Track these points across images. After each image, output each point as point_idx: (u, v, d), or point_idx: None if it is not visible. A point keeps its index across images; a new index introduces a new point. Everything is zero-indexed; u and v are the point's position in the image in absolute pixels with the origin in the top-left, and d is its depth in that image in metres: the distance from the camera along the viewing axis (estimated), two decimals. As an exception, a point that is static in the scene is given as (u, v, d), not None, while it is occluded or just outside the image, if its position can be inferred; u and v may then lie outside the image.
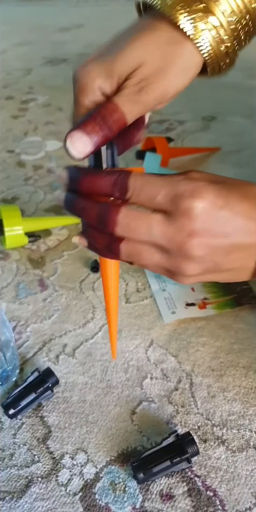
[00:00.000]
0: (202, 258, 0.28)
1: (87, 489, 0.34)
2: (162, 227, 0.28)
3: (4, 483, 0.35)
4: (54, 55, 1.42)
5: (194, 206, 0.27)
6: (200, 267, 0.29)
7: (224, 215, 0.27)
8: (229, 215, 0.28)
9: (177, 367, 0.42)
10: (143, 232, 0.28)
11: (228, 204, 0.28)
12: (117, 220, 0.28)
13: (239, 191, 0.28)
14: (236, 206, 0.28)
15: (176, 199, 0.27)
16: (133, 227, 0.28)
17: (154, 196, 0.28)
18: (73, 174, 0.30)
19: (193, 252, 0.28)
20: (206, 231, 0.27)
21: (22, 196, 0.71)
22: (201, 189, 0.27)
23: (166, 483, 0.34)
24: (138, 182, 0.28)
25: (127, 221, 0.28)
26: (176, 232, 0.27)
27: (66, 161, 0.79)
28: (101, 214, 0.29)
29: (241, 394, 0.39)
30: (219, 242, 0.28)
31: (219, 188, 0.28)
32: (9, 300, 0.52)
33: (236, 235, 0.28)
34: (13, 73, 1.29)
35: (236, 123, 0.86)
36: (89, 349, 0.45)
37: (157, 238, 0.28)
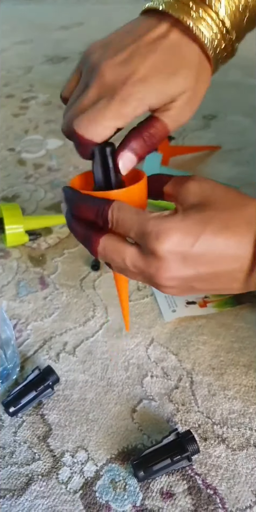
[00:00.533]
0: (176, 286, 0.30)
1: (87, 487, 0.34)
2: (133, 259, 0.30)
3: (5, 481, 0.35)
4: (55, 53, 1.42)
5: (158, 248, 0.28)
6: (178, 291, 0.31)
7: (195, 251, 0.28)
8: (201, 250, 0.28)
9: (178, 365, 0.42)
10: (118, 262, 0.31)
11: (200, 238, 0.28)
12: (97, 250, 0.31)
13: (221, 220, 0.29)
14: (212, 239, 0.28)
15: (144, 237, 0.29)
16: (110, 257, 0.31)
17: (127, 231, 0.30)
18: (68, 197, 0.33)
19: (165, 283, 0.30)
20: (174, 268, 0.29)
21: (22, 194, 0.71)
22: (166, 232, 0.28)
23: (166, 481, 0.34)
24: (115, 216, 0.30)
25: (105, 252, 0.31)
26: (146, 267, 0.30)
27: (67, 159, 0.79)
28: (85, 241, 0.32)
29: (241, 393, 0.39)
30: (190, 273, 0.29)
31: (192, 225, 0.29)
32: (9, 298, 0.52)
33: (207, 267, 0.29)
34: (13, 71, 1.29)
35: (236, 122, 0.86)
36: (90, 347, 0.45)
37: (131, 268, 0.31)
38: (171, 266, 0.29)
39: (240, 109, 0.88)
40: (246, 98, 0.91)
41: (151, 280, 0.30)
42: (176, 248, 0.28)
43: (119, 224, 0.30)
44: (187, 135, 0.83)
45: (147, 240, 0.29)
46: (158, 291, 0.50)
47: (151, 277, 0.30)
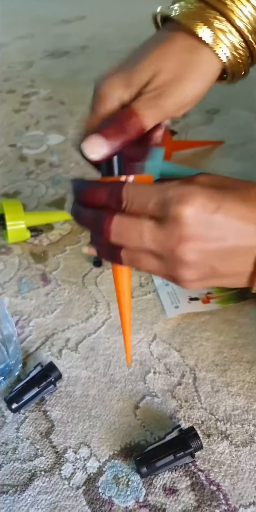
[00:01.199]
0: (197, 263, 0.28)
1: (90, 483, 0.34)
2: (152, 233, 0.28)
3: (7, 476, 0.35)
4: (56, 48, 1.41)
5: (181, 211, 0.27)
6: (197, 272, 0.29)
7: (217, 218, 0.27)
8: (223, 219, 0.27)
9: (181, 361, 0.42)
10: (135, 239, 0.28)
11: (222, 207, 0.27)
12: (110, 229, 0.29)
13: (237, 194, 0.28)
14: (231, 209, 0.27)
15: (165, 205, 0.27)
16: (126, 235, 0.29)
17: (145, 204, 0.28)
18: (76, 186, 0.31)
19: (185, 257, 0.28)
20: (197, 236, 0.27)
21: (24, 190, 0.70)
22: (189, 194, 0.27)
23: (169, 477, 0.34)
24: (130, 193, 0.29)
25: (120, 230, 0.29)
26: (166, 238, 0.28)
27: (68, 155, 0.79)
28: (97, 223, 0.30)
29: (245, 389, 0.39)
30: (212, 246, 0.28)
31: (212, 192, 0.27)
32: (11, 294, 0.52)
33: (231, 239, 0.28)
34: (14, 66, 1.28)
35: (240, 117, 0.85)
36: (92, 343, 0.45)
37: (149, 244, 0.28)
38: (195, 232, 0.27)
39: (244, 103, 0.88)
40: (250, 92, 0.90)
41: (172, 254, 0.28)
42: (201, 212, 0.27)
43: (135, 200, 0.28)
44: (190, 129, 0.82)
45: (168, 206, 0.27)
46: (161, 287, 0.50)
47: (172, 251, 0.28)
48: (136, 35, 1.68)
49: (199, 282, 0.30)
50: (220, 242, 0.28)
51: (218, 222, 0.27)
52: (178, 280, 0.30)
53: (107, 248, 0.31)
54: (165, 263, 0.29)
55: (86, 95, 1.18)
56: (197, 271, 0.29)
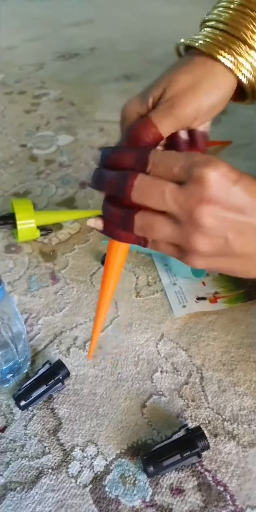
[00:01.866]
0: (212, 229, 0.28)
1: (97, 482, 0.34)
2: (174, 193, 0.28)
3: (15, 473, 0.36)
4: (66, 49, 1.42)
5: (206, 173, 0.27)
6: (210, 242, 0.29)
7: (237, 189, 0.28)
8: (242, 191, 0.28)
9: (188, 361, 0.42)
10: (156, 197, 0.29)
11: (242, 180, 0.28)
12: (133, 185, 0.29)
13: (253, 177, 0.29)
14: (250, 185, 0.28)
15: (190, 167, 0.28)
16: (148, 192, 0.29)
17: (171, 167, 0.29)
18: (104, 152, 0.32)
19: (203, 219, 0.28)
20: (217, 200, 0.28)
21: (34, 190, 0.71)
22: (215, 161, 0.28)
23: (176, 477, 0.34)
24: (158, 156, 0.29)
25: (142, 186, 0.29)
26: (187, 199, 0.28)
27: (78, 155, 0.79)
28: (120, 181, 0.30)
29: (252, 389, 0.39)
30: (230, 216, 0.28)
31: (233, 168, 0.28)
32: (21, 292, 0.52)
33: (249, 213, 0.28)
34: (25, 68, 1.29)
35: (247, 116, 0.84)
36: (100, 342, 0.45)
37: (169, 204, 0.29)
38: (215, 197, 0.28)
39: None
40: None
41: (190, 216, 0.28)
42: (222, 179, 0.28)
43: (161, 163, 0.29)
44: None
45: (193, 168, 0.28)
46: (168, 287, 0.50)
47: (191, 212, 0.28)
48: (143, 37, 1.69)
49: (207, 259, 0.30)
50: (237, 212, 0.28)
51: (237, 193, 0.28)
52: (188, 251, 0.30)
53: (121, 213, 0.31)
54: (180, 228, 0.29)
55: (95, 96, 1.19)
56: (211, 241, 0.29)
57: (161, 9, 1.83)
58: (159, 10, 1.82)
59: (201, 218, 0.28)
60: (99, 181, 0.32)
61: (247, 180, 0.28)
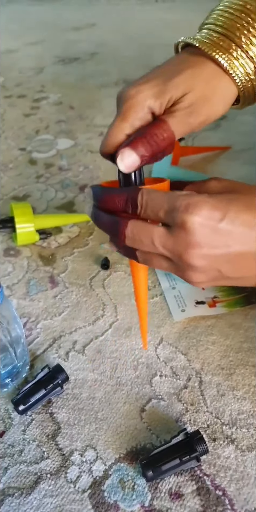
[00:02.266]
0: (204, 267, 0.30)
1: (96, 487, 0.34)
2: (162, 239, 0.30)
3: (14, 479, 0.35)
4: (66, 54, 1.43)
5: (188, 220, 0.29)
6: (205, 275, 0.31)
7: (222, 227, 0.29)
8: (227, 227, 0.29)
9: (187, 365, 0.42)
10: (147, 244, 0.31)
11: (227, 216, 0.29)
12: (125, 234, 0.31)
13: (243, 201, 0.30)
14: (235, 218, 0.29)
15: (173, 213, 0.29)
16: (138, 239, 0.31)
17: (157, 211, 0.30)
18: (95, 193, 0.34)
19: (193, 262, 0.30)
20: (203, 243, 0.29)
21: (33, 193, 0.71)
22: (195, 205, 0.29)
23: (175, 482, 0.34)
24: (145, 199, 0.31)
25: (133, 235, 0.31)
26: (175, 244, 0.30)
27: (77, 159, 0.80)
28: (113, 228, 0.32)
29: (250, 393, 0.39)
30: (218, 252, 0.29)
31: (218, 201, 0.29)
32: (20, 296, 0.52)
33: (236, 245, 0.29)
34: (25, 71, 1.30)
35: (246, 122, 0.85)
36: (99, 346, 0.45)
37: (160, 250, 0.30)
38: (200, 240, 0.29)
39: (250, 109, 0.87)
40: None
41: (180, 259, 0.30)
42: (206, 221, 0.28)
43: (148, 205, 0.31)
44: (197, 135, 0.82)
45: (176, 214, 0.29)
46: (167, 291, 0.50)
47: (180, 256, 0.30)
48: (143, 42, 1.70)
49: (208, 283, 0.32)
50: (225, 248, 0.29)
51: (223, 230, 0.29)
52: (187, 281, 0.32)
53: (125, 250, 0.34)
54: (175, 266, 0.31)
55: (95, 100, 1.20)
56: (205, 275, 0.31)
57: (161, 15, 1.84)
58: (159, 16, 1.83)
59: (191, 261, 0.30)
60: (97, 222, 0.34)
61: (231, 215, 0.29)
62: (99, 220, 0.34)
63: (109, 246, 0.35)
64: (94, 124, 0.92)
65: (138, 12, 1.96)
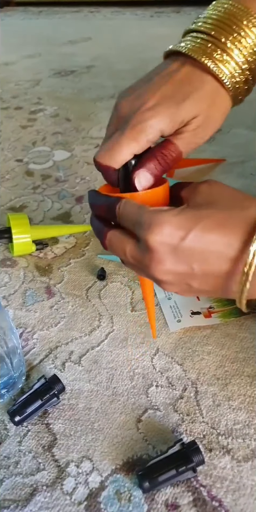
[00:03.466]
0: (172, 281, 0.31)
1: (92, 498, 0.34)
2: (132, 252, 0.32)
3: (9, 491, 0.35)
4: (63, 67, 1.45)
5: (149, 239, 0.30)
6: (176, 287, 0.32)
7: (183, 246, 0.29)
8: (190, 245, 0.29)
9: (183, 375, 0.42)
10: (121, 253, 0.33)
11: (189, 235, 0.29)
12: (105, 243, 0.35)
13: (215, 220, 0.29)
14: (201, 237, 0.29)
15: (139, 229, 0.31)
16: (115, 248, 0.34)
17: (129, 223, 0.32)
18: (89, 197, 0.37)
19: (159, 277, 0.31)
20: (166, 260, 0.30)
21: (30, 204, 0.72)
22: (157, 224, 0.30)
23: (171, 493, 0.34)
24: (121, 210, 0.33)
25: (110, 244, 0.34)
26: (141, 258, 0.31)
27: (74, 170, 0.80)
28: (98, 234, 0.35)
29: (246, 403, 0.39)
30: (183, 270, 0.30)
31: (184, 220, 0.29)
32: (16, 307, 0.52)
33: (200, 264, 0.30)
34: (22, 84, 1.31)
35: (240, 135, 0.86)
36: (95, 356, 0.45)
37: (130, 261, 0.33)
38: (162, 257, 0.30)
39: (244, 122, 0.89)
40: (250, 111, 0.92)
41: (148, 272, 0.32)
42: (166, 239, 0.29)
43: (124, 218, 0.33)
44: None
45: (140, 230, 0.31)
46: (163, 301, 0.50)
47: (147, 269, 0.32)
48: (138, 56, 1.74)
49: (185, 294, 0.33)
50: (188, 266, 0.30)
51: (184, 248, 0.29)
52: (164, 289, 0.33)
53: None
54: (146, 275, 0.33)
55: (91, 113, 1.21)
56: (176, 287, 0.32)
57: (156, 30, 1.88)
58: (154, 30, 1.86)
59: (157, 275, 0.31)
60: (91, 225, 0.37)
61: (198, 231, 0.29)
62: (92, 225, 0.37)
63: None
64: (90, 136, 0.93)
65: (133, 26, 1.99)
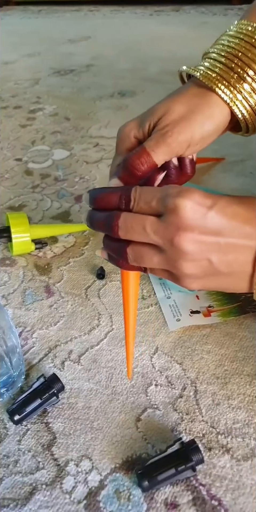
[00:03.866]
0: (194, 254, 0.30)
1: (91, 497, 0.34)
2: (154, 226, 0.31)
3: (8, 490, 0.35)
4: (62, 66, 1.45)
5: (179, 203, 0.29)
6: (195, 265, 0.30)
7: (212, 214, 0.30)
8: (217, 215, 0.30)
9: (182, 374, 0.42)
10: (139, 232, 0.31)
11: (217, 204, 0.30)
12: (118, 224, 0.32)
13: (235, 198, 0.31)
14: (227, 208, 0.30)
15: (165, 199, 0.30)
16: (131, 228, 0.32)
17: (150, 201, 0.31)
18: (92, 194, 0.35)
19: (183, 246, 0.30)
20: (193, 227, 0.29)
21: (29, 203, 0.71)
22: (187, 191, 0.30)
23: (170, 492, 0.34)
24: (138, 193, 0.32)
25: (126, 224, 0.32)
26: (166, 228, 0.30)
27: (73, 169, 0.80)
28: (107, 221, 0.33)
29: (245, 402, 0.39)
30: (208, 239, 0.30)
31: (208, 194, 0.30)
32: (15, 306, 0.52)
33: (226, 235, 0.30)
34: (21, 83, 1.31)
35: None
36: (95, 355, 0.45)
37: (151, 237, 0.31)
38: (191, 223, 0.29)
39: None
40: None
41: (171, 244, 0.30)
42: (196, 205, 0.29)
43: (141, 198, 0.32)
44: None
45: (169, 199, 0.30)
46: (163, 300, 0.50)
47: (171, 240, 0.30)
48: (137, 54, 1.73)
49: (199, 280, 0.32)
50: (215, 235, 0.30)
51: (213, 217, 0.29)
52: (179, 276, 0.32)
53: (116, 247, 0.34)
54: (166, 256, 0.31)
55: (90, 112, 1.21)
56: (195, 264, 0.30)
57: (155, 28, 1.88)
58: (153, 29, 1.86)
59: (181, 245, 0.30)
60: (92, 222, 0.35)
61: (222, 204, 0.30)
62: (93, 218, 0.34)
63: (101, 254, 0.36)
64: (90, 135, 0.93)
65: (132, 25, 1.99)
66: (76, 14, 2.43)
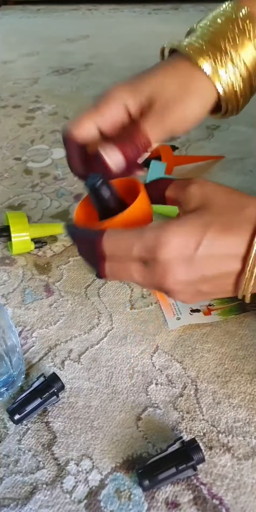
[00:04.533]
0: (184, 290, 0.31)
1: (92, 497, 0.34)
2: (140, 274, 0.31)
3: (9, 489, 0.35)
4: (61, 65, 1.44)
5: (159, 256, 0.29)
6: (187, 295, 0.32)
7: (197, 255, 0.29)
8: (204, 253, 0.29)
9: (182, 373, 0.42)
10: (128, 278, 0.32)
11: (202, 243, 0.29)
12: (105, 273, 0.32)
13: (219, 225, 0.29)
14: (212, 244, 0.29)
15: (145, 252, 0.30)
16: (119, 275, 0.32)
17: (128, 251, 0.30)
18: (68, 232, 0.34)
19: (173, 288, 0.31)
20: (179, 272, 0.30)
21: (28, 202, 0.71)
22: (166, 238, 0.29)
23: (171, 491, 0.34)
24: (111, 243, 0.31)
25: (112, 272, 0.32)
26: (153, 277, 0.31)
27: (72, 168, 0.80)
28: (94, 265, 0.33)
29: (246, 401, 0.39)
30: (195, 276, 0.30)
31: (192, 228, 0.29)
32: (15, 305, 0.52)
33: (213, 269, 0.30)
34: (20, 82, 1.31)
35: (239, 132, 0.86)
36: (95, 354, 0.45)
37: (141, 283, 0.32)
38: (175, 271, 0.30)
39: (243, 119, 0.89)
40: (249, 108, 0.91)
41: (161, 287, 0.31)
42: (178, 254, 0.29)
43: (117, 249, 0.31)
44: (190, 145, 0.83)
45: (149, 253, 0.30)
46: (164, 298, 0.50)
47: (159, 285, 0.31)
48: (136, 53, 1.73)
49: (193, 299, 0.33)
50: (201, 272, 0.30)
51: (198, 257, 0.29)
52: (175, 299, 0.34)
53: (92, 260, 0.34)
54: (159, 290, 0.32)
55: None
56: (187, 295, 0.32)
57: (154, 27, 1.87)
58: (152, 28, 1.86)
59: (170, 288, 0.31)
60: (82, 257, 0.34)
61: (210, 238, 0.29)
62: (80, 253, 0.34)
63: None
64: (89, 134, 0.93)
65: (131, 24, 1.99)
66: (74, 13, 2.42)
